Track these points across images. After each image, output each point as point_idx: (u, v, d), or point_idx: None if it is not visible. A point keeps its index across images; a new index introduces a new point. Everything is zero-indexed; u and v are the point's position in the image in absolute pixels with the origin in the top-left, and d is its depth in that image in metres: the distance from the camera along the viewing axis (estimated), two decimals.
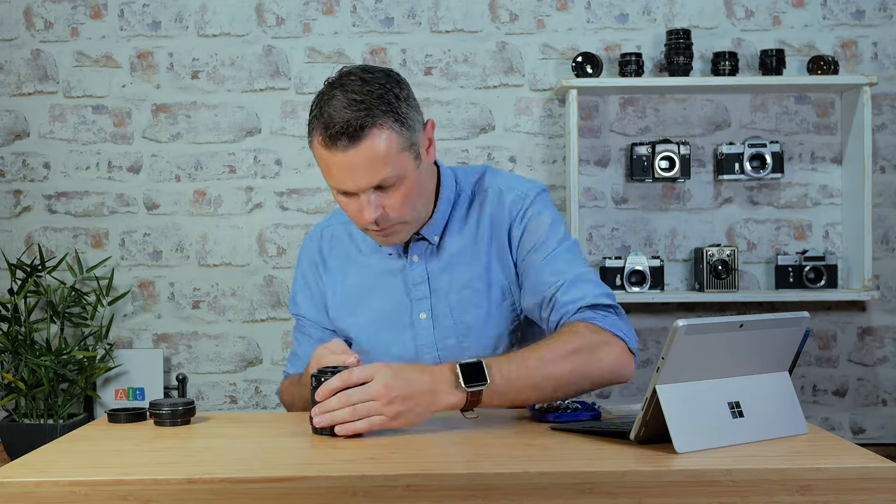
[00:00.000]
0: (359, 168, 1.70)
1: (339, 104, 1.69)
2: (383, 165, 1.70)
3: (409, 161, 1.73)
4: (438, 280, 1.89)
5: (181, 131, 3.66)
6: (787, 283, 3.56)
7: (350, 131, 1.67)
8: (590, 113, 3.66)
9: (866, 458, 1.35)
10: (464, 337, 1.87)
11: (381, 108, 1.69)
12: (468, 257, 1.88)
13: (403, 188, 1.74)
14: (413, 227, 1.82)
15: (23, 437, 3.33)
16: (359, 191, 1.72)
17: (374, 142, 1.69)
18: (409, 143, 1.73)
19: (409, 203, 1.76)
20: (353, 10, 3.65)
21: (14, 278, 3.48)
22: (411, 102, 1.76)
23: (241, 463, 1.41)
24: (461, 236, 1.89)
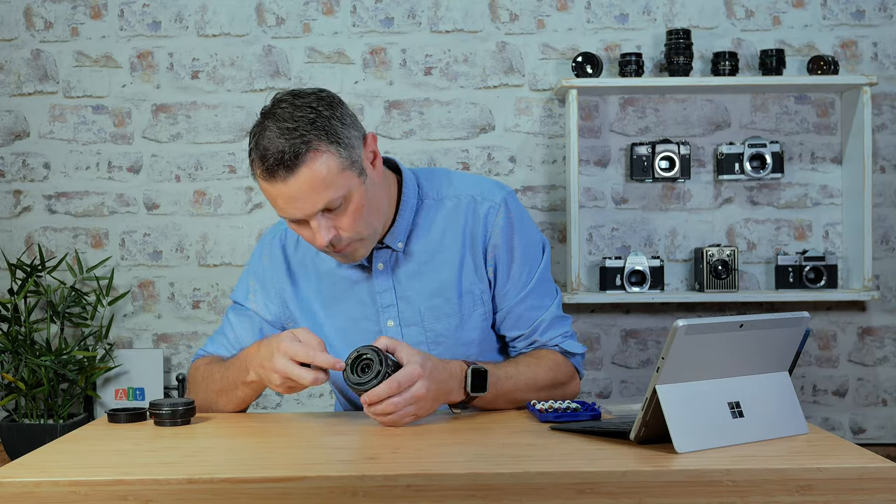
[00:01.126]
0: (302, 196, 1.69)
1: (273, 134, 1.70)
2: (326, 189, 1.69)
3: (352, 179, 1.72)
4: (407, 287, 1.89)
5: (181, 131, 3.66)
6: (787, 283, 3.56)
7: (286, 161, 1.67)
8: (590, 113, 3.66)
9: (866, 458, 1.36)
10: (434, 344, 1.89)
11: (314, 132, 1.69)
12: (438, 263, 1.89)
13: (352, 207, 1.73)
14: (371, 241, 1.81)
15: (23, 437, 3.33)
16: (307, 217, 1.73)
17: (313, 167, 1.68)
18: (349, 162, 1.72)
19: (360, 220, 1.75)
20: (353, 10, 3.65)
21: (14, 278, 3.48)
22: (346, 120, 1.73)
23: (241, 463, 1.41)
24: (429, 241, 1.89)
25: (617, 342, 3.67)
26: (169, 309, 3.67)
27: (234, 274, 3.65)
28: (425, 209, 1.90)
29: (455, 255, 1.88)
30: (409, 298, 1.88)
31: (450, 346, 1.89)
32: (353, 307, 1.90)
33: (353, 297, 1.91)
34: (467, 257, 1.88)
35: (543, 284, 1.95)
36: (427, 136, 3.64)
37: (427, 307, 1.88)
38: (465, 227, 1.88)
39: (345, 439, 1.56)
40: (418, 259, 1.89)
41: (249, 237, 3.66)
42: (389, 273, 1.89)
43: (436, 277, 1.88)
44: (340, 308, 1.91)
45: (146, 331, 3.67)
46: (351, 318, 1.91)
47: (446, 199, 1.90)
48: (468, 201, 1.90)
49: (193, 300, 3.66)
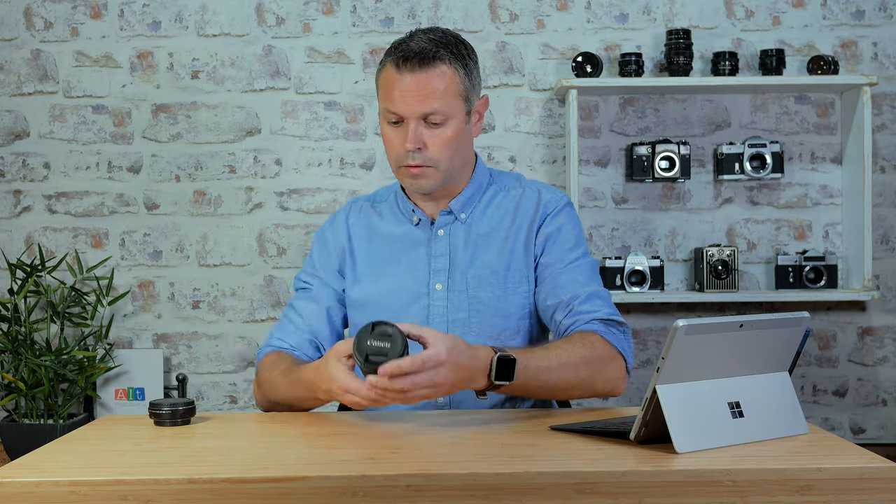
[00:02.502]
0: (417, 93, 1.84)
1: (420, 38, 1.87)
2: (439, 98, 1.85)
3: (460, 110, 1.88)
4: (460, 255, 1.97)
5: (181, 131, 3.66)
6: (787, 283, 3.56)
7: (424, 56, 1.84)
8: (590, 113, 3.66)
9: (866, 458, 1.36)
10: (475, 312, 1.94)
11: (455, 51, 1.88)
12: (494, 238, 1.97)
13: (448, 132, 1.87)
14: (442, 178, 1.91)
15: (23, 437, 3.33)
16: (409, 116, 1.85)
17: (439, 73, 1.85)
18: (466, 95, 1.89)
19: (447, 150, 1.88)
20: (353, 10, 3.65)
21: (14, 278, 3.48)
22: (478, 68, 1.93)
23: (241, 463, 1.41)
24: (489, 220, 1.99)
25: None
26: (169, 309, 3.67)
27: (234, 274, 3.65)
28: (492, 192, 2.01)
29: (510, 234, 1.97)
30: (460, 265, 1.96)
31: (489, 315, 1.94)
32: (406, 269, 1.98)
33: (407, 259, 1.98)
34: (520, 238, 1.97)
35: (594, 273, 1.96)
36: None
37: (474, 276, 1.95)
38: (526, 213, 1.98)
39: (345, 439, 1.56)
40: (476, 231, 1.98)
41: (249, 237, 3.66)
42: (447, 239, 1.98)
43: (489, 250, 1.96)
44: (392, 269, 1.98)
45: (146, 331, 3.67)
46: (401, 279, 1.97)
47: (513, 189, 2.02)
48: (533, 194, 2.01)
49: (193, 300, 3.66)
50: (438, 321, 1.94)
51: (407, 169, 1.89)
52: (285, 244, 3.66)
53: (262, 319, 3.66)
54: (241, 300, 3.66)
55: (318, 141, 3.65)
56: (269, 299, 3.66)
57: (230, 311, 3.66)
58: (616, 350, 1.85)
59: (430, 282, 1.96)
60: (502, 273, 1.95)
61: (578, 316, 1.88)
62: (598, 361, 1.81)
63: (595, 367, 1.80)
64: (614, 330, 1.87)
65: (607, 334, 1.85)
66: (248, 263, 3.66)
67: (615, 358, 1.84)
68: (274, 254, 3.66)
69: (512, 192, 2.01)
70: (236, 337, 3.67)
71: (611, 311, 1.90)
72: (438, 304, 1.95)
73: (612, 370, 1.83)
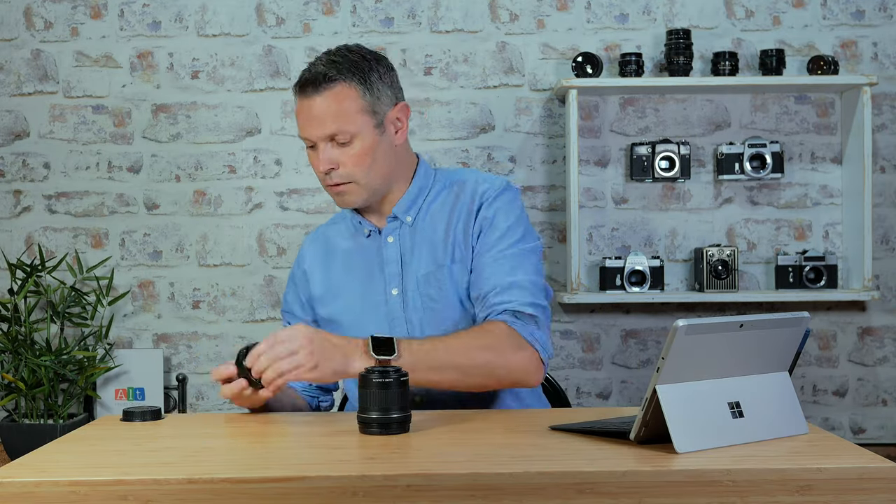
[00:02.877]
0: (317, 117, 1.90)
1: (320, 61, 1.93)
2: (338, 119, 1.90)
3: (367, 125, 1.92)
4: (409, 257, 2.00)
5: (181, 131, 3.66)
6: (787, 283, 3.56)
7: (317, 81, 1.90)
8: (590, 113, 3.66)
9: (866, 458, 1.36)
10: (428, 309, 1.97)
11: (352, 71, 1.91)
12: (438, 234, 2.00)
13: (358, 149, 1.92)
14: (365, 192, 1.96)
15: (23, 437, 3.33)
16: (317, 139, 1.92)
17: (335, 95, 1.90)
18: (370, 110, 1.92)
19: (361, 166, 1.93)
20: (353, 10, 3.65)
21: (14, 278, 3.48)
22: (386, 80, 1.96)
23: (241, 463, 1.41)
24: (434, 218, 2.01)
25: (617, 342, 3.67)
26: (169, 309, 3.67)
27: (234, 274, 3.65)
28: (435, 192, 2.04)
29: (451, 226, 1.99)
30: (410, 267, 1.99)
31: (440, 310, 1.97)
32: (363, 281, 2.03)
33: (363, 270, 2.03)
34: (460, 228, 1.99)
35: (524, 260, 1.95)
36: (427, 136, 3.64)
37: (423, 274, 1.98)
38: (464, 203, 2.00)
39: (345, 439, 1.56)
40: (422, 231, 2.01)
41: (249, 237, 3.66)
42: (397, 244, 2.01)
43: (434, 247, 1.99)
44: (351, 283, 2.04)
45: (146, 331, 3.67)
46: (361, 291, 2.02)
47: (455, 185, 2.04)
48: (473, 184, 2.02)
49: (193, 300, 3.66)
50: (398, 325, 1.98)
51: (330, 189, 1.96)
52: (285, 244, 3.66)
53: (262, 319, 3.66)
54: (241, 300, 3.66)
55: None
56: (269, 299, 3.66)
57: (230, 311, 3.66)
58: (523, 339, 1.86)
59: (386, 289, 2.00)
60: (447, 266, 1.97)
61: (491, 308, 1.90)
62: (496, 349, 1.83)
63: (493, 355, 1.82)
64: (525, 321, 1.87)
65: (514, 324, 1.86)
66: (248, 263, 3.66)
67: (521, 347, 1.85)
68: (274, 254, 3.66)
69: (454, 188, 2.03)
70: (236, 337, 3.67)
71: (527, 300, 1.89)
72: (396, 309, 1.99)
73: (516, 360, 1.84)
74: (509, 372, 1.85)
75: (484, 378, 1.84)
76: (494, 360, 1.83)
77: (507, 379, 1.87)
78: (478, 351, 1.82)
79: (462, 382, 1.83)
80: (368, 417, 1.56)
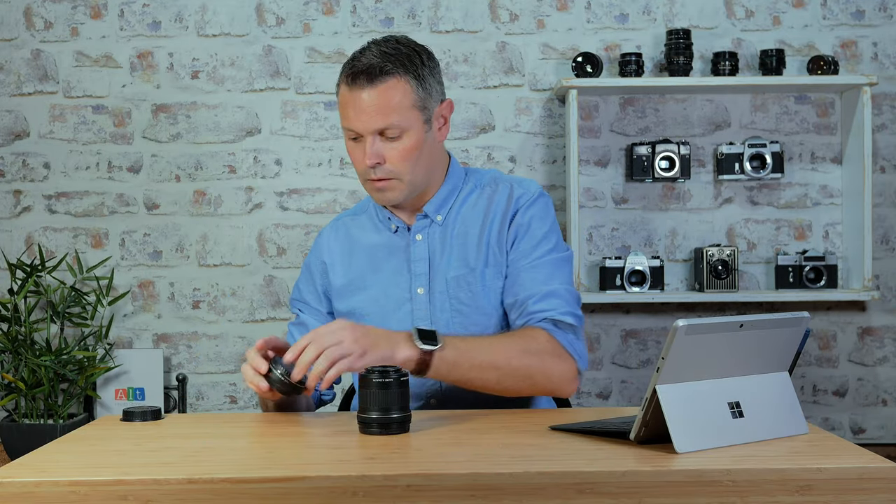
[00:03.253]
0: (369, 109, 1.85)
1: (371, 52, 1.88)
2: (391, 113, 1.85)
3: (417, 120, 1.89)
4: (439, 258, 1.97)
5: (181, 131, 3.66)
6: (787, 283, 3.56)
7: (370, 73, 1.85)
8: (590, 113, 3.66)
9: (866, 458, 1.36)
10: (456, 312, 1.95)
11: (405, 63, 1.87)
12: (470, 238, 1.97)
13: (406, 143, 1.88)
14: (407, 189, 1.92)
15: (23, 437, 3.33)
16: (365, 132, 1.87)
17: (389, 88, 1.85)
18: (421, 105, 1.89)
19: (407, 161, 1.89)
20: (353, 10, 3.65)
21: (14, 278, 3.48)
22: (435, 75, 1.94)
23: (241, 463, 1.41)
24: (465, 220, 1.99)
25: (617, 342, 3.67)
26: (169, 309, 3.67)
27: (234, 274, 3.65)
28: (467, 191, 2.02)
29: (485, 230, 1.97)
30: (439, 268, 1.97)
31: (469, 314, 1.94)
32: (388, 277, 1.99)
33: (388, 266, 2.00)
34: (494, 233, 1.97)
35: (559, 269, 1.94)
36: None
37: (452, 276, 1.95)
38: (498, 207, 1.98)
39: (345, 439, 1.56)
40: (452, 232, 1.98)
41: (249, 237, 3.66)
42: (426, 243, 1.98)
43: (465, 250, 1.97)
44: (375, 278, 2.00)
45: (146, 331, 3.67)
46: (385, 286, 1.99)
47: (487, 186, 2.02)
48: (506, 188, 2.01)
49: (193, 300, 3.66)
50: (423, 325, 1.95)
51: (371, 183, 1.91)
52: (285, 244, 3.66)
53: (262, 319, 3.66)
54: (241, 300, 3.66)
55: (318, 141, 3.66)
56: (269, 299, 3.66)
57: (230, 311, 3.66)
58: (563, 349, 1.84)
59: (411, 287, 1.97)
60: (479, 270, 1.95)
61: (530, 316, 1.88)
62: (538, 355, 1.80)
63: (535, 360, 1.80)
64: (565, 330, 1.86)
65: (554, 332, 1.85)
66: (248, 263, 3.66)
67: (561, 357, 1.84)
68: (274, 254, 3.66)
69: (486, 190, 2.01)
70: (236, 337, 3.67)
71: (567, 310, 1.88)
72: (421, 309, 1.96)
73: (557, 368, 1.82)
74: (548, 379, 1.82)
75: (521, 382, 1.80)
76: (535, 365, 1.80)
77: (544, 386, 1.84)
78: (519, 354, 1.79)
79: (499, 385, 1.80)
80: (368, 417, 1.56)
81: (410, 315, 1.96)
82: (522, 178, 2.03)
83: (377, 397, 1.55)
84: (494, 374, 1.77)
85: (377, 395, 1.55)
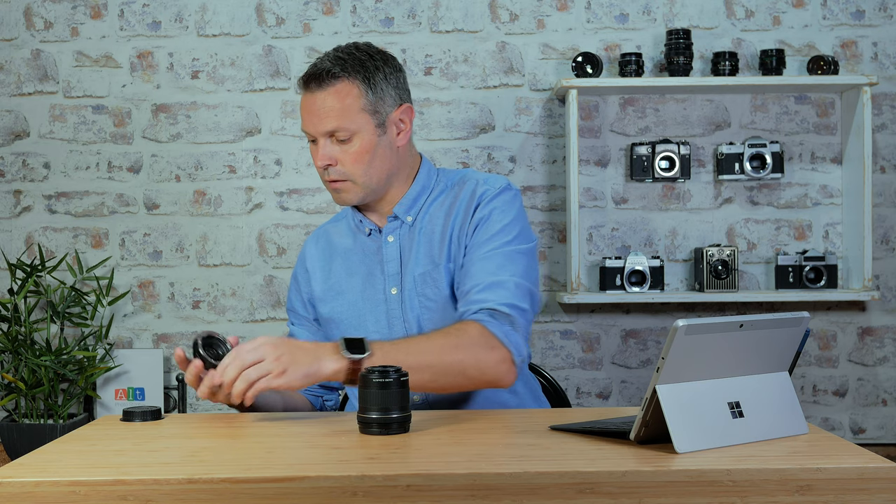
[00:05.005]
0: (319, 112, 1.91)
1: (327, 57, 1.94)
2: (339, 116, 1.90)
3: (367, 124, 1.92)
4: (408, 257, 2.00)
5: (181, 131, 3.66)
6: (787, 283, 3.56)
7: (320, 76, 1.91)
8: (590, 113, 3.66)
9: (866, 458, 1.36)
10: (425, 309, 1.97)
11: (356, 69, 1.92)
12: (435, 235, 1.99)
13: (358, 147, 1.92)
14: (362, 191, 1.96)
15: (23, 437, 3.33)
16: (317, 134, 1.93)
17: (337, 92, 1.90)
18: (372, 109, 1.92)
19: (359, 163, 1.93)
20: (353, 10, 3.65)
21: (14, 278, 3.48)
22: (391, 81, 1.96)
23: (241, 463, 1.41)
24: (433, 218, 2.01)
25: (617, 342, 3.67)
26: (169, 309, 3.67)
27: (234, 274, 3.65)
28: (437, 192, 2.04)
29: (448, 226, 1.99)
30: (408, 266, 1.99)
31: (437, 310, 1.97)
32: (364, 280, 2.03)
33: (364, 269, 2.03)
34: (457, 227, 1.98)
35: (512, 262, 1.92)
36: (427, 136, 3.64)
37: (420, 273, 1.98)
38: (462, 203, 2.00)
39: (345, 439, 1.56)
40: (421, 231, 2.01)
41: (249, 237, 3.66)
42: (397, 244, 2.01)
43: (431, 247, 1.99)
44: (352, 282, 2.03)
45: (146, 331, 3.67)
46: (360, 290, 2.02)
47: (456, 186, 2.04)
48: (472, 184, 2.02)
49: (193, 300, 3.66)
50: (397, 324, 1.98)
51: (328, 184, 1.97)
52: (285, 244, 3.66)
53: (262, 319, 3.66)
54: (241, 300, 3.66)
55: None
56: (269, 299, 3.66)
57: (230, 311, 3.66)
58: (496, 339, 1.83)
59: (385, 288, 2.00)
60: (444, 266, 1.97)
61: (469, 305, 1.88)
62: (468, 348, 1.80)
63: (466, 355, 1.79)
64: (500, 321, 1.85)
65: (489, 323, 1.84)
66: (248, 263, 3.66)
67: (494, 348, 1.82)
68: (274, 254, 3.66)
69: (455, 189, 2.03)
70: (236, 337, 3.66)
71: (507, 301, 1.86)
72: (394, 308, 1.99)
73: (488, 359, 1.81)
74: (481, 372, 1.81)
75: (456, 378, 1.80)
76: (466, 359, 1.79)
77: (479, 379, 1.83)
78: (449, 351, 1.79)
79: (435, 383, 1.80)
80: (368, 417, 1.56)
81: (386, 316, 1.99)
82: (491, 175, 2.03)
83: (377, 397, 1.55)
84: (428, 373, 1.76)
85: (377, 395, 1.55)
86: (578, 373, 3.66)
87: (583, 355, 3.66)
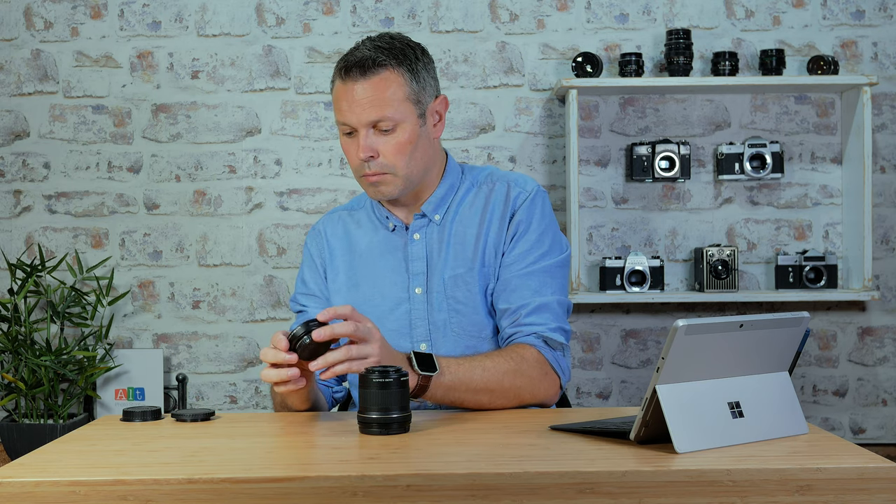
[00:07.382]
0: (363, 102, 1.85)
1: (365, 46, 1.89)
2: (384, 106, 1.85)
3: (411, 114, 1.88)
4: (437, 257, 1.97)
5: (181, 131, 3.66)
6: (787, 283, 3.56)
7: (364, 65, 1.85)
8: (590, 113, 3.66)
9: (866, 458, 1.36)
10: (453, 312, 1.95)
11: (398, 56, 1.88)
12: (468, 238, 1.97)
13: (400, 138, 1.88)
14: (402, 183, 1.91)
15: (23, 437, 3.33)
16: (358, 125, 1.87)
17: (382, 80, 1.86)
18: (415, 98, 1.89)
19: (401, 155, 1.88)
20: (353, 10, 3.65)
21: (14, 278, 3.48)
22: (429, 70, 1.93)
23: (241, 463, 1.41)
24: (462, 219, 1.98)
25: (617, 342, 3.67)
26: (169, 309, 3.67)
27: (234, 274, 3.65)
28: (464, 190, 2.01)
29: (482, 230, 1.97)
30: (437, 267, 1.96)
31: (467, 314, 1.95)
32: (385, 276, 1.99)
33: (385, 265, 1.99)
34: (492, 233, 1.96)
35: (552, 277, 1.95)
36: None
37: (450, 276, 1.95)
38: (496, 207, 1.98)
39: (345, 439, 1.56)
40: (450, 231, 1.98)
41: (249, 237, 3.66)
42: (423, 242, 1.98)
43: (463, 249, 1.97)
44: (372, 277, 1.99)
45: (146, 331, 3.67)
46: (380, 286, 1.98)
47: (484, 185, 2.01)
48: (503, 186, 2.00)
49: (193, 300, 3.66)
50: (420, 325, 1.96)
51: (366, 178, 1.90)
52: (285, 244, 3.66)
53: (262, 319, 3.66)
54: (241, 300, 3.66)
55: (318, 141, 3.66)
56: (269, 299, 3.66)
57: (230, 311, 3.66)
58: (550, 367, 1.89)
59: (409, 286, 1.97)
60: (477, 271, 1.95)
61: (521, 328, 1.91)
62: (528, 376, 1.84)
63: (525, 381, 1.84)
64: (554, 348, 1.89)
65: (543, 349, 1.88)
66: (248, 263, 3.66)
67: (548, 375, 1.88)
68: (274, 254, 3.66)
69: (483, 188, 2.00)
70: (236, 337, 3.67)
71: (556, 326, 1.91)
72: (419, 308, 1.96)
73: (543, 386, 1.88)
74: (534, 396, 1.87)
75: (510, 401, 1.84)
76: (524, 386, 1.84)
77: (529, 402, 1.88)
78: (510, 376, 1.82)
79: (490, 404, 1.83)
80: (368, 417, 1.56)
81: (408, 315, 1.96)
82: (518, 175, 2.02)
83: (377, 397, 1.56)
84: (487, 396, 1.81)
85: (377, 395, 1.56)
86: (578, 373, 3.66)
87: (583, 355, 3.66)
